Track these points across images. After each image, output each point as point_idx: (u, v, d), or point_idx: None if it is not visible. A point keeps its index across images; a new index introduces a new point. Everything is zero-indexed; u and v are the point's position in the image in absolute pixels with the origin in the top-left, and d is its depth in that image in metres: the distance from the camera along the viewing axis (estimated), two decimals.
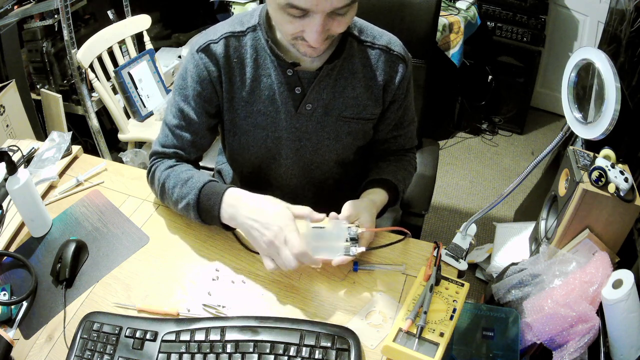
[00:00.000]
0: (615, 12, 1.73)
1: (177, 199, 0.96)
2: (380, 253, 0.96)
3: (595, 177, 1.16)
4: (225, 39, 0.96)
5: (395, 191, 1.06)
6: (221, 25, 0.99)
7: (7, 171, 0.92)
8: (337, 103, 1.01)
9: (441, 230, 2.26)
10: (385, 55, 1.01)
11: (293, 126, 1.01)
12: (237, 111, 1.01)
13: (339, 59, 0.97)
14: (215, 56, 0.96)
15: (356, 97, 1.01)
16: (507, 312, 1.24)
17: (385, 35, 1.02)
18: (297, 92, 0.98)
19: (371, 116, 1.05)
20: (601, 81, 0.78)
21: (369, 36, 1.01)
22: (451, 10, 2.45)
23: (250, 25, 0.97)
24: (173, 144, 1.02)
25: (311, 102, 0.99)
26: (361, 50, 1.00)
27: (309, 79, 0.97)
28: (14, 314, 0.86)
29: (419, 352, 0.75)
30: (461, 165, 2.67)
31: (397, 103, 1.06)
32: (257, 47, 0.97)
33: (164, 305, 0.86)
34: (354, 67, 1.00)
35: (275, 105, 0.99)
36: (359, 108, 1.02)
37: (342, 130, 1.03)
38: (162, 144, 1.03)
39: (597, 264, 1.12)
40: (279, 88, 0.98)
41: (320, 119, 1.01)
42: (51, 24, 2.10)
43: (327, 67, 0.97)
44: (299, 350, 0.76)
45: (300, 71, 0.97)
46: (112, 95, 2.04)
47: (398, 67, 1.02)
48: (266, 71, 0.97)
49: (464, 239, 0.99)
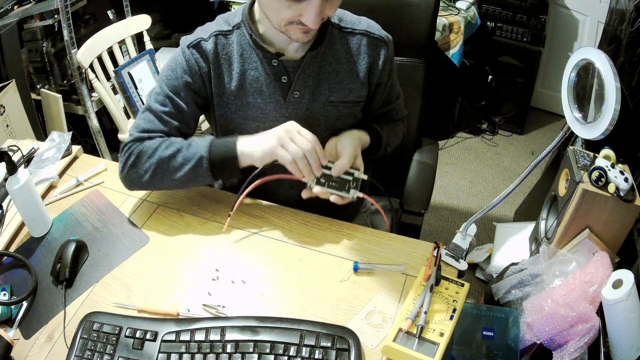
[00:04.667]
0: (615, 12, 1.73)
1: (183, 162, 0.96)
2: (380, 253, 0.96)
3: (595, 177, 1.16)
4: (214, 37, 1.01)
5: (378, 138, 1.11)
6: (210, 25, 1.04)
7: (7, 171, 0.93)
8: (323, 89, 1.04)
9: (441, 230, 2.26)
10: (367, 39, 1.05)
11: (282, 115, 1.04)
12: (228, 105, 1.04)
13: (321, 45, 1.02)
14: (206, 53, 1.01)
15: (341, 81, 1.05)
16: (507, 312, 1.23)
17: (364, 21, 1.07)
18: (283, 81, 1.02)
19: (357, 99, 1.08)
20: (601, 81, 0.78)
21: (348, 23, 1.05)
22: (451, 10, 2.45)
23: (235, 24, 1.02)
24: (159, 129, 1.00)
25: (298, 90, 1.03)
26: (342, 36, 1.05)
27: (294, 68, 1.01)
28: (14, 314, 0.86)
29: (419, 352, 0.75)
30: (461, 165, 2.67)
31: (382, 84, 1.11)
32: (243, 43, 1.01)
33: (164, 305, 0.86)
34: (336, 54, 1.04)
35: (263, 96, 1.03)
36: (345, 92, 1.06)
37: (331, 115, 1.07)
38: (145, 129, 1.00)
39: (597, 264, 1.12)
40: (265, 79, 1.02)
41: (308, 105, 1.05)
42: (51, 24, 2.10)
43: (310, 54, 1.01)
44: (299, 350, 0.76)
45: (284, 60, 1.01)
46: (112, 95, 2.04)
47: (380, 50, 1.06)
48: (252, 64, 1.01)
49: (464, 239, 0.99)
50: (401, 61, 1.38)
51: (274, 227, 1.02)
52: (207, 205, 1.07)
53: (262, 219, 1.04)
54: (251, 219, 1.03)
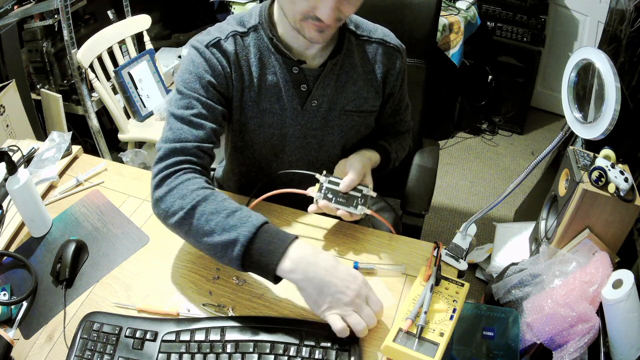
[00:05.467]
0: (615, 12, 1.73)
1: (214, 229, 0.80)
2: (380, 253, 0.96)
3: (595, 177, 1.16)
4: (233, 37, 0.96)
5: (387, 156, 1.11)
6: (223, 25, 0.99)
7: (7, 171, 0.93)
8: (340, 98, 1.03)
9: (441, 230, 2.26)
10: (383, 48, 1.04)
11: (299, 123, 1.03)
12: (244, 110, 1.01)
13: (340, 54, 1.00)
14: (227, 53, 0.95)
15: (357, 91, 1.04)
16: (507, 312, 1.24)
17: (380, 29, 1.06)
18: (302, 89, 1.00)
19: (372, 108, 1.08)
20: (601, 81, 0.78)
21: (365, 31, 1.04)
22: (451, 10, 2.45)
23: (252, 26, 0.97)
24: (193, 136, 0.89)
25: (317, 99, 1.01)
26: (359, 45, 1.03)
27: (314, 76, 0.99)
28: (14, 314, 0.86)
29: (419, 352, 0.75)
30: (461, 165, 2.67)
31: (394, 95, 1.10)
32: (261, 46, 0.97)
33: (164, 305, 0.86)
34: (353, 62, 1.02)
35: (281, 103, 1.00)
36: (361, 101, 1.05)
37: (346, 125, 1.06)
38: (178, 139, 0.88)
39: (597, 264, 1.12)
40: (284, 86, 0.99)
41: (324, 114, 1.03)
42: (51, 24, 2.10)
43: (331, 62, 0.99)
44: (299, 350, 0.76)
45: (305, 69, 0.98)
46: (112, 95, 2.04)
47: (396, 59, 1.06)
48: (271, 69, 0.98)
49: (464, 239, 0.99)
50: None
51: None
52: None
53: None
54: None
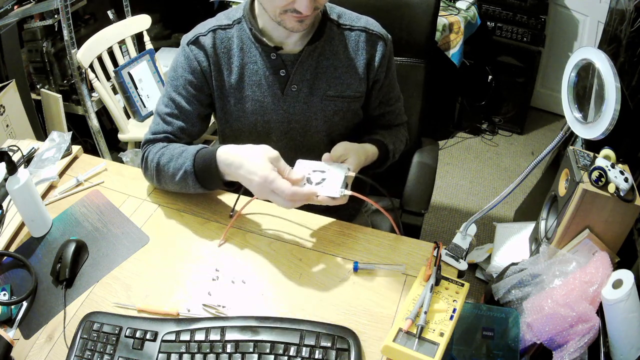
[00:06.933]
0: (615, 12, 1.73)
1: (174, 172, 0.99)
2: (380, 253, 0.96)
3: (595, 177, 1.16)
4: (212, 32, 1.04)
5: (385, 149, 1.11)
6: (210, 21, 1.07)
7: (7, 171, 0.93)
8: (321, 82, 1.05)
9: (441, 230, 2.26)
10: (365, 35, 1.07)
11: (281, 108, 1.06)
12: (228, 98, 1.07)
13: (320, 40, 1.03)
14: (204, 48, 1.03)
15: (338, 76, 1.06)
16: (507, 312, 1.23)
17: (364, 18, 1.09)
18: (281, 74, 1.04)
19: (355, 94, 1.09)
20: (601, 81, 0.78)
21: (347, 20, 1.07)
22: (451, 10, 2.45)
23: (236, 19, 1.05)
24: (164, 130, 1.05)
25: (296, 83, 1.04)
26: (341, 32, 1.07)
27: (292, 61, 1.03)
28: (14, 314, 0.86)
29: (419, 352, 0.75)
30: (461, 165, 2.67)
31: (380, 81, 1.11)
32: (243, 37, 1.04)
33: (164, 305, 0.86)
34: (334, 49, 1.06)
35: (262, 89, 1.05)
36: (343, 87, 1.07)
37: (329, 110, 1.08)
38: (153, 132, 1.07)
39: (597, 264, 1.12)
40: (264, 72, 1.03)
41: (306, 99, 1.06)
42: (51, 24, 2.10)
43: (308, 48, 1.03)
44: (299, 350, 0.76)
45: (283, 54, 1.03)
46: (112, 95, 2.04)
47: (378, 46, 1.08)
48: (252, 58, 1.03)
49: (464, 239, 0.99)
50: (401, 61, 1.38)
51: (274, 227, 1.02)
52: (207, 205, 1.06)
53: (262, 218, 1.04)
54: (251, 218, 1.03)
